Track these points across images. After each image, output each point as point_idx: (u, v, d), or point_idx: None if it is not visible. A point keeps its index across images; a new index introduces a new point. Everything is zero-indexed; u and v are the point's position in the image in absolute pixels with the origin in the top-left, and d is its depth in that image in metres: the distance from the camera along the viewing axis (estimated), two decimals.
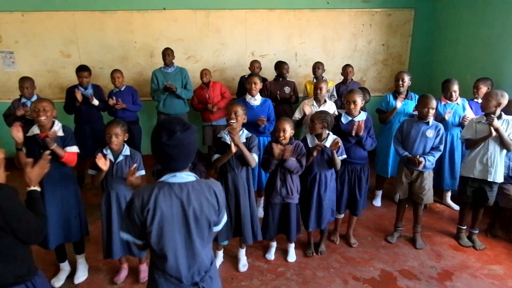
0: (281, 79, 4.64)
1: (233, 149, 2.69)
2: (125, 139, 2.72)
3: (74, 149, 2.73)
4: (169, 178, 1.51)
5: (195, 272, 1.58)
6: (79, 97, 4.18)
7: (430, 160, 3.16)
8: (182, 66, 4.81)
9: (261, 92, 3.93)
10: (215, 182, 1.62)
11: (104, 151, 2.69)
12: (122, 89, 4.49)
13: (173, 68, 4.67)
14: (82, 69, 4.30)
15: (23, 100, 4.00)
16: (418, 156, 3.13)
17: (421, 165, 3.13)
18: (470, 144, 3.22)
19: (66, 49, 5.14)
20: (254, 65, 4.82)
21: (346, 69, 4.70)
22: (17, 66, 5.15)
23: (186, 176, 1.53)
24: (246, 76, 4.83)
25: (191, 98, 4.80)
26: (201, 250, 1.58)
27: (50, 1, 4.93)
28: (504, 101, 3.08)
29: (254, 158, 2.82)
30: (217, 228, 1.67)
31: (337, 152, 2.99)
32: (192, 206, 1.50)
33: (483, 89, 3.80)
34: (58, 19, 5.00)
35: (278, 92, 4.52)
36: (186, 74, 4.74)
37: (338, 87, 4.74)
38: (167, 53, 4.58)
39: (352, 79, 4.79)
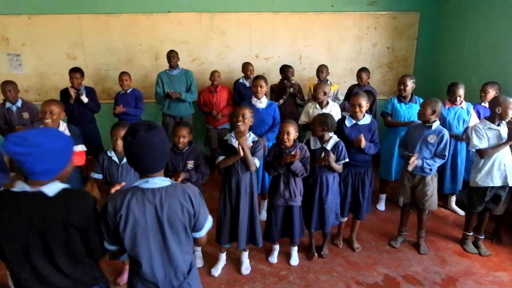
0: (285, 82, 4.64)
1: (241, 153, 2.69)
2: None
3: (81, 147, 2.75)
4: (142, 183, 1.51)
5: (172, 277, 1.58)
6: (72, 93, 4.20)
7: (429, 164, 3.11)
8: (186, 68, 4.82)
9: (267, 95, 3.94)
10: (190, 187, 1.60)
11: (108, 153, 2.70)
12: (128, 91, 4.52)
13: (178, 70, 4.68)
14: (74, 70, 4.33)
15: (8, 105, 3.98)
16: (414, 156, 3.06)
17: (412, 164, 3.06)
18: (486, 153, 3.07)
19: (72, 52, 5.18)
20: (247, 68, 4.77)
21: (360, 73, 4.63)
22: (24, 68, 5.20)
23: (160, 181, 1.53)
24: (240, 80, 4.84)
25: (197, 99, 4.81)
26: (179, 255, 1.58)
27: (56, 4, 4.97)
28: None
29: (255, 162, 2.81)
30: (200, 234, 1.64)
31: (339, 156, 2.98)
32: (165, 211, 1.49)
33: (491, 93, 3.76)
34: (64, 22, 5.04)
35: (291, 89, 4.52)
36: (190, 76, 4.74)
37: (351, 89, 4.67)
38: (172, 55, 4.60)
39: (368, 83, 4.72)
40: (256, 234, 3.00)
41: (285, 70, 4.67)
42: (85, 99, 4.32)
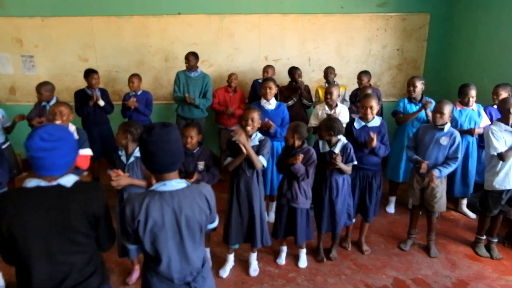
0: (294, 83, 4.64)
1: (244, 151, 2.70)
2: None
3: (87, 151, 2.78)
4: (159, 186, 1.54)
5: (187, 273, 1.63)
6: (96, 96, 4.29)
7: (444, 172, 3.10)
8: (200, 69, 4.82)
9: (276, 96, 3.95)
10: (205, 186, 1.65)
11: (119, 152, 2.75)
12: (139, 93, 4.56)
13: (197, 73, 4.67)
14: (92, 71, 4.41)
15: (43, 103, 4.07)
16: (425, 163, 3.05)
17: (423, 169, 3.06)
18: (506, 156, 3.00)
19: (84, 54, 5.26)
20: (268, 70, 4.80)
21: (360, 77, 4.62)
22: (37, 69, 5.29)
23: (176, 184, 1.55)
24: (259, 80, 4.85)
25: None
26: (193, 253, 1.62)
27: (69, 6, 5.05)
28: None
29: (260, 160, 2.80)
30: (212, 225, 1.75)
31: (347, 158, 2.98)
32: (183, 214, 1.54)
33: (504, 95, 3.71)
34: (76, 24, 5.12)
35: (300, 91, 4.54)
36: (208, 82, 4.71)
37: (355, 92, 4.66)
38: (189, 58, 4.59)
39: (370, 85, 4.71)
40: (264, 233, 3.01)
41: (293, 72, 4.68)
42: (101, 102, 4.38)
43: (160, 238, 1.53)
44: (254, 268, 3.15)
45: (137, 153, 2.74)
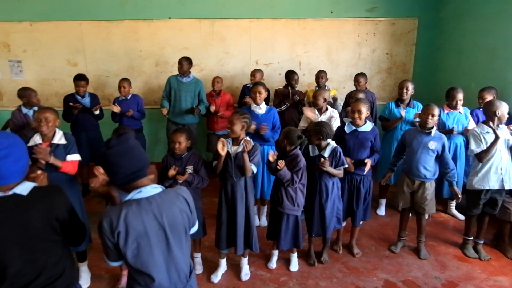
0: (290, 88, 4.67)
1: (221, 153, 2.73)
2: None
3: (75, 157, 2.73)
4: (134, 195, 1.48)
5: (176, 280, 1.58)
6: (75, 111, 4.25)
7: (455, 181, 3.21)
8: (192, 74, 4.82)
9: (270, 98, 3.95)
10: (181, 188, 1.62)
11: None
12: (129, 97, 4.55)
13: (189, 78, 4.66)
14: (80, 78, 4.35)
15: (24, 110, 3.99)
16: (455, 190, 3.18)
17: (459, 197, 3.21)
18: (483, 156, 3.08)
19: (73, 58, 5.22)
20: (256, 74, 4.80)
21: (358, 78, 4.67)
22: (25, 74, 5.24)
23: (152, 189, 1.51)
24: (248, 85, 4.87)
25: None
26: (181, 258, 1.59)
27: (58, 11, 5.02)
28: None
29: (251, 168, 2.80)
30: (193, 230, 1.67)
31: (337, 162, 2.99)
32: (165, 217, 1.49)
33: (489, 98, 3.79)
34: (65, 29, 5.09)
35: (294, 97, 4.56)
36: (201, 88, 4.70)
37: (349, 95, 4.68)
38: (182, 62, 4.57)
39: (366, 87, 4.74)
40: (251, 239, 2.99)
41: (289, 76, 4.69)
42: (97, 112, 4.37)
43: (145, 248, 1.46)
44: (246, 273, 3.14)
45: None
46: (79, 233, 1.66)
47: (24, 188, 1.47)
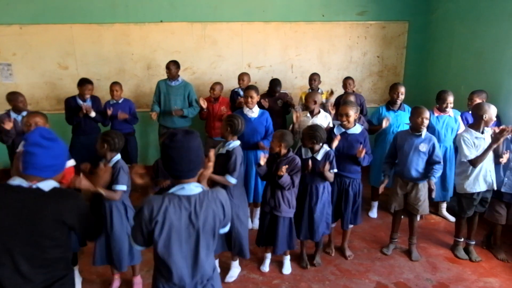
0: (272, 95, 4.66)
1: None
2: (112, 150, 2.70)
3: (69, 163, 2.70)
4: (178, 190, 1.57)
5: (198, 281, 1.63)
6: (85, 109, 4.22)
7: (436, 177, 3.20)
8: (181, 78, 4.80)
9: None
10: (221, 192, 1.67)
11: (100, 161, 2.72)
12: (120, 101, 4.52)
13: (178, 82, 4.64)
14: (87, 82, 4.33)
15: (13, 115, 3.91)
16: (431, 184, 3.15)
17: (433, 192, 3.17)
18: (477, 161, 3.08)
19: (64, 61, 5.17)
20: (243, 78, 4.78)
21: (345, 82, 4.71)
22: (15, 78, 5.17)
23: (194, 188, 1.59)
24: (236, 90, 4.87)
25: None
26: (205, 259, 1.63)
27: (48, 14, 4.97)
28: None
29: (226, 179, 2.79)
30: (223, 230, 1.74)
31: (330, 165, 3.00)
32: (199, 218, 1.56)
33: (478, 101, 3.82)
34: (56, 32, 5.04)
35: (278, 101, 4.58)
36: (191, 91, 4.68)
37: (338, 99, 4.72)
38: (169, 67, 4.54)
39: (353, 91, 4.78)
40: (232, 242, 2.97)
41: (272, 83, 4.66)
42: (92, 114, 4.30)
43: (175, 240, 1.54)
44: (230, 275, 3.14)
45: (111, 163, 2.67)
46: (92, 232, 1.75)
47: (47, 185, 1.56)
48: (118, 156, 2.70)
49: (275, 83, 4.64)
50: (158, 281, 1.64)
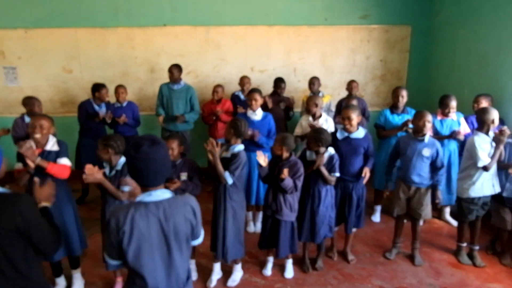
0: (276, 95, 4.70)
1: (210, 157, 2.80)
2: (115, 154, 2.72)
3: (64, 161, 2.72)
4: (144, 197, 1.54)
5: (173, 285, 1.61)
6: (101, 116, 4.30)
7: (441, 183, 3.21)
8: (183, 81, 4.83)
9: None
10: (190, 198, 1.65)
11: (104, 165, 2.75)
12: (124, 104, 4.54)
13: (180, 86, 4.66)
14: (104, 86, 4.39)
15: (27, 120, 3.92)
16: (437, 198, 3.21)
17: (439, 200, 3.22)
18: (490, 166, 3.05)
19: (68, 65, 5.21)
20: (244, 81, 4.84)
21: (350, 84, 4.71)
22: (19, 81, 5.22)
23: (162, 194, 1.56)
24: (236, 93, 4.89)
25: (202, 111, 4.82)
26: (180, 264, 1.61)
27: (53, 18, 5.02)
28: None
29: (224, 175, 2.80)
30: (197, 241, 1.71)
31: (330, 169, 3.01)
32: (170, 223, 1.53)
33: (484, 104, 3.80)
34: (61, 36, 5.08)
35: (280, 104, 4.61)
36: (193, 94, 4.69)
37: (341, 102, 4.72)
38: (172, 70, 4.57)
39: (356, 95, 4.77)
40: (225, 248, 2.97)
41: (276, 84, 4.75)
42: (109, 120, 4.35)
43: (145, 250, 1.51)
44: (233, 279, 3.14)
45: (118, 166, 2.72)
46: (47, 240, 1.66)
47: None
48: (123, 158, 2.72)
49: (279, 80, 4.74)
50: (132, 285, 1.60)
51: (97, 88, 4.39)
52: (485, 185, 3.16)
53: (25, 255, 1.61)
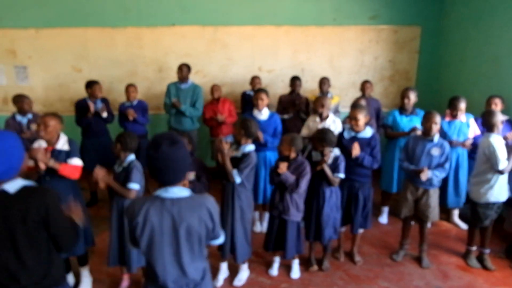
0: (294, 94, 4.73)
1: (219, 157, 2.81)
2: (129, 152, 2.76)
3: (75, 161, 2.74)
4: (161, 193, 1.57)
5: (183, 284, 1.62)
6: (92, 108, 4.25)
7: (437, 175, 3.11)
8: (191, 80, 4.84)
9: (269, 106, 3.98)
10: (208, 199, 1.64)
11: (116, 162, 2.82)
12: (134, 103, 4.57)
13: (187, 85, 4.68)
14: (96, 83, 4.38)
15: (18, 118, 4.00)
16: (425, 169, 3.05)
17: (424, 176, 3.04)
18: (508, 168, 3.01)
19: (77, 64, 5.27)
20: (255, 81, 4.89)
21: (363, 85, 4.69)
22: (30, 80, 5.29)
23: (178, 192, 1.57)
24: (247, 92, 4.90)
25: (202, 114, 4.82)
26: (190, 265, 1.61)
27: (63, 18, 5.08)
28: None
29: (233, 174, 2.81)
30: (217, 241, 1.73)
31: (335, 169, 3.00)
32: (183, 223, 1.54)
33: (500, 105, 3.73)
34: (70, 35, 5.14)
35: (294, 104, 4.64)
36: (198, 93, 4.71)
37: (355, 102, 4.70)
38: (182, 68, 4.60)
39: (370, 95, 4.74)
40: (235, 248, 2.97)
41: (292, 82, 4.79)
42: (104, 114, 4.36)
43: (157, 243, 1.54)
44: (239, 278, 3.14)
45: (126, 163, 2.75)
46: (65, 235, 1.69)
47: (13, 186, 1.57)
48: (132, 156, 2.77)
49: (295, 78, 4.83)
50: (147, 283, 1.67)
51: (89, 84, 4.38)
52: (502, 189, 3.12)
53: (48, 247, 1.66)
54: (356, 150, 3.08)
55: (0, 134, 1.60)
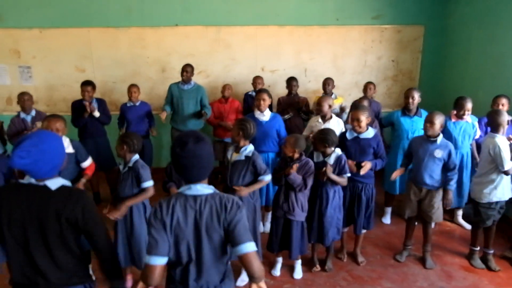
0: (292, 95, 4.70)
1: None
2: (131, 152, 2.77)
3: (89, 161, 2.86)
4: (185, 190, 1.58)
5: (203, 285, 1.62)
6: (88, 108, 4.25)
7: (453, 185, 3.16)
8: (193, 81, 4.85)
9: (272, 106, 3.98)
10: (229, 196, 1.61)
11: (120, 162, 2.86)
12: (137, 104, 4.57)
13: (190, 86, 4.66)
14: (86, 84, 4.35)
15: (22, 115, 4.05)
16: (446, 199, 3.15)
17: (449, 203, 3.17)
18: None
19: (81, 64, 5.29)
20: (257, 81, 4.87)
21: (366, 86, 4.68)
22: (34, 80, 5.31)
23: (202, 189, 1.58)
24: (249, 93, 4.89)
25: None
26: (211, 264, 1.60)
27: (67, 18, 5.09)
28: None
29: (264, 181, 2.88)
30: (243, 249, 1.50)
31: (340, 170, 2.99)
32: (203, 219, 1.54)
33: (507, 105, 3.69)
34: (74, 36, 5.16)
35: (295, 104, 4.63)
36: (203, 94, 4.70)
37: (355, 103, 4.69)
38: (185, 70, 4.58)
39: (372, 97, 4.73)
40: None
41: (289, 83, 4.76)
42: (97, 114, 4.34)
43: (181, 238, 1.55)
44: (242, 279, 3.14)
45: (131, 163, 2.75)
46: (101, 238, 1.69)
47: (54, 183, 1.61)
48: (136, 157, 2.78)
49: (291, 79, 4.79)
50: (169, 281, 1.67)
51: (81, 85, 4.35)
52: (506, 189, 3.11)
53: (77, 248, 1.68)
54: (366, 167, 3.09)
55: (45, 135, 1.63)
